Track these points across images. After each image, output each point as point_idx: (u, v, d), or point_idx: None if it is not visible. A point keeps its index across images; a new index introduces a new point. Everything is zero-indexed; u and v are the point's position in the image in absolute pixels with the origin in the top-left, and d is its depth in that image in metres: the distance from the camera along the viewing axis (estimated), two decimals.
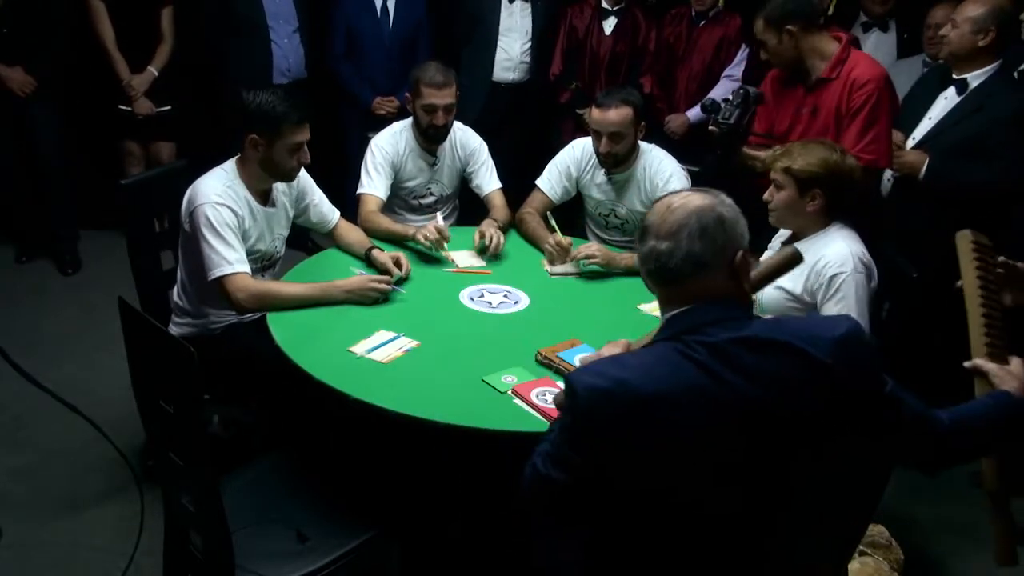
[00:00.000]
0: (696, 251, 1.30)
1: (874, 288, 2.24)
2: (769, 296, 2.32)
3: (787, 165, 2.21)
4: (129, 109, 4.00)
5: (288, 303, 2.28)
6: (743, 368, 1.26)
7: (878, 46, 3.77)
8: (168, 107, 4.07)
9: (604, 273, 2.66)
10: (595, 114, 2.77)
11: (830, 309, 2.19)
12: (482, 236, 2.76)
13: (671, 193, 1.41)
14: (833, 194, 2.22)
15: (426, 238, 2.65)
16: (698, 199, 1.35)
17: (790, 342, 1.28)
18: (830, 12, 3.69)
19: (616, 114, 2.71)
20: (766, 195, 2.29)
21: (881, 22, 3.77)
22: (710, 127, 2.82)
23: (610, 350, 1.54)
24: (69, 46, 3.89)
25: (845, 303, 2.17)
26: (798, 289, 2.27)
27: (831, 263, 2.20)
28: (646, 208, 2.89)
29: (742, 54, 3.88)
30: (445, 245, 2.67)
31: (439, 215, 2.89)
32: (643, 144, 2.89)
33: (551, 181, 3.00)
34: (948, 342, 3.28)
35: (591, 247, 2.67)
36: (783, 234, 2.41)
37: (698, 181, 2.99)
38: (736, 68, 3.91)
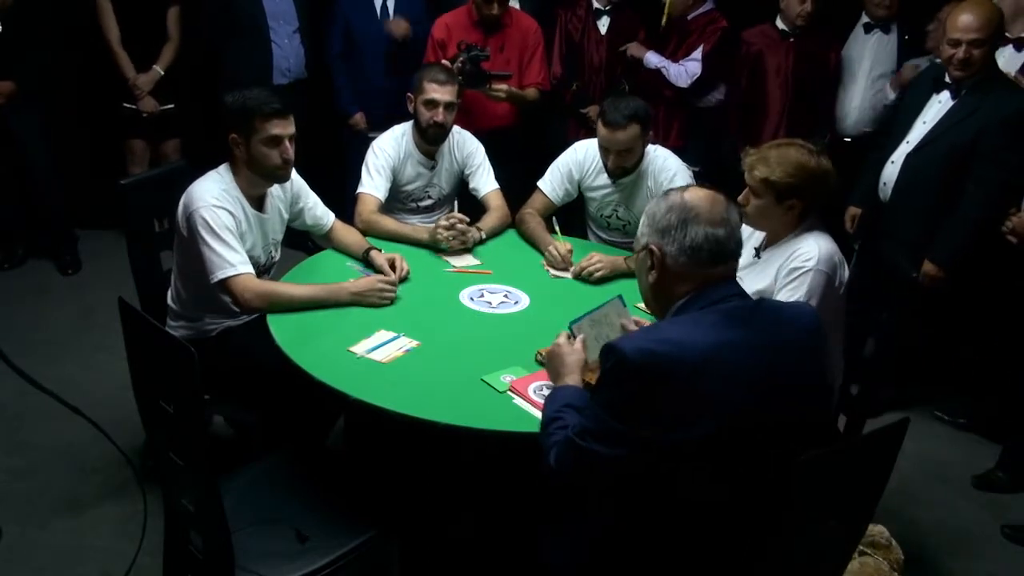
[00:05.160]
0: (739, 237, 1.50)
1: (839, 291, 2.22)
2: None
3: (765, 176, 2.17)
4: (133, 107, 4.00)
5: (294, 303, 2.27)
6: (768, 321, 1.46)
7: (880, 47, 3.77)
8: (171, 105, 4.08)
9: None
10: (604, 133, 2.73)
11: (782, 296, 2.18)
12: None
13: (689, 187, 1.56)
14: (810, 199, 2.21)
15: (445, 233, 2.69)
16: (717, 193, 1.53)
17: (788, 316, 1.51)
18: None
19: (625, 135, 2.70)
20: (741, 198, 2.26)
21: (883, 24, 3.76)
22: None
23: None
24: (56, 57, 3.87)
25: (796, 295, 2.16)
26: (772, 287, 2.26)
27: (799, 256, 2.19)
28: None
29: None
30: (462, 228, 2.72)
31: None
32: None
33: (552, 183, 2.99)
34: (947, 342, 3.30)
35: (592, 258, 2.62)
36: (757, 237, 2.39)
37: (698, 181, 2.99)
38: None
